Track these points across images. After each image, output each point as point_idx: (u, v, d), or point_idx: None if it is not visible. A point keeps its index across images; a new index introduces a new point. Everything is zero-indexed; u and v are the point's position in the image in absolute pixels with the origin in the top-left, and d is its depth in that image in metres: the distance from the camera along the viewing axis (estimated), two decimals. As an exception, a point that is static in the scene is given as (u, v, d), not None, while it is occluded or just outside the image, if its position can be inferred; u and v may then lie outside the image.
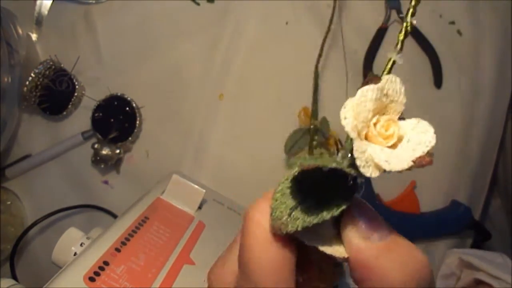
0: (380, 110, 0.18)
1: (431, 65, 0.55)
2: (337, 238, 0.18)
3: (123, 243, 0.36)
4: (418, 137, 0.17)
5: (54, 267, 0.42)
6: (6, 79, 0.54)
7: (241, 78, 0.58)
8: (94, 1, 0.59)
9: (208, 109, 0.58)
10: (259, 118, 0.57)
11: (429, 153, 0.17)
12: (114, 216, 0.58)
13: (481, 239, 0.55)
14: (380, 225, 0.18)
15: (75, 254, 0.42)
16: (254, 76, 0.58)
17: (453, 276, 0.49)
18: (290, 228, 0.17)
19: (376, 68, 0.56)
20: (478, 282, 0.45)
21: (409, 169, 0.16)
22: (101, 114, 0.57)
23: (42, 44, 0.59)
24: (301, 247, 0.19)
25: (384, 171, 0.16)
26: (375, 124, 0.17)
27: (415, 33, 0.55)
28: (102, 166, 0.57)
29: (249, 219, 0.18)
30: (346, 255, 0.18)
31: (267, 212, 0.18)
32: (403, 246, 0.18)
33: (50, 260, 0.43)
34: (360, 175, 0.17)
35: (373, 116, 0.17)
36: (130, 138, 0.57)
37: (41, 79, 0.57)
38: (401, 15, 0.55)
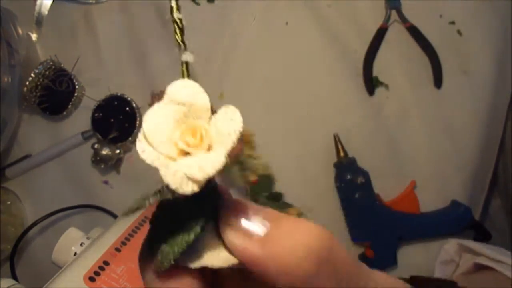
0: (184, 119, 0.16)
1: (431, 65, 0.55)
2: (224, 248, 0.18)
3: (123, 243, 0.36)
4: (227, 127, 0.16)
5: (54, 267, 0.42)
6: (6, 79, 0.54)
7: (241, 78, 0.58)
8: (94, 1, 0.59)
9: (208, 109, 0.58)
10: (259, 118, 0.57)
11: (239, 140, 0.16)
12: (114, 216, 0.58)
13: (481, 239, 0.55)
14: (256, 215, 0.17)
15: (75, 254, 0.42)
16: (254, 76, 0.58)
17: (452, 263, 0.49)
18: (166, 265, 0.16)
19: (376, 68, 0.56)
20: (479, 267, 0.44)
21: (226, 165, 0.15)
22: (101, 114, 0.57)
23: (42, 44, 0.59)
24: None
25: (203, 181, 0.15)
26: (182, 138, 0.16)
27: (415, 33, 0.55)
28: (102, 166, 0.57)
29: (143, 281, 0.18)
30: (236, 261, 0.17)
31: (150, 269, 0.18)
32: (288, 226, 0.17)
33: (50, 260, 0.43)
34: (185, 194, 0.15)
35: (175, 131, 0.16)
36: (130, 138, 0.57)
37: (41, 79, 0.57)
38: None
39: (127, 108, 0.57)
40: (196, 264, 0.17)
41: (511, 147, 0.55)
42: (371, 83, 0.56)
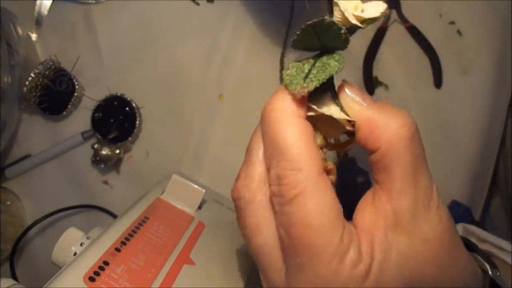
0: None
1: (431, 65, 0.55)
2: (339, 110, 0.24)
3: (123, 243, 0.36)
4: (375, 5, 0.23)
5: (54, 267, 0.42)
6: (6, 79, 0.54)
7: (241, 78, 0.58)
8: (94, 1, 0.59)
9: (208, 109, 0.58)
10: (259, 119, 0.57)
11: (386, 9, 0.23)
12: (114, 216, 0.58)
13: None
14: (368, 95, 0.24)
15: (75, 254, 0.42)
16: (254, 76, 0.58)
17: None
18: (310, 88, 0.22)
19: (376, 68, 0.56)
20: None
21: (377, 18, 0.23)
22: (101, 114, 0.57)
23: (42, 44, 0.59)
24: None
25: (364, 21, 0.23)
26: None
27: (415, 33, 0.55)
28: (102, 166, 0.57)
29: (270, 108, 0.24)
30: (353, 119, 0.23)
31: (285, 97, 0.23)
32: (390, 106, 0.23)
33: (50, 260, 0.43)
34: (349, 30, 0.23)
35: None
36: (130, 138, 0.57)
37: (41, 79, 0.57)
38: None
39: (127, 108, 0.57)
40: (326, 111, 0.23)
41: (511, 147, 0.54)
42: (371, 83, 0.56)
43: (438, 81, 0.55)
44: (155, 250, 0.37)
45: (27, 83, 0.57)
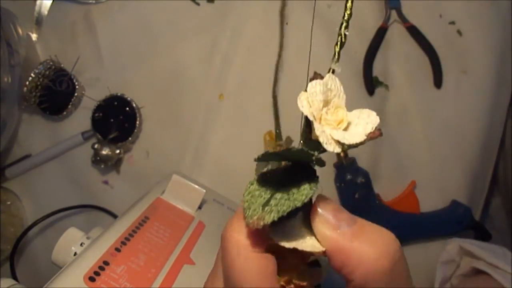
0: (329, 102, 0.21)
1: (431, 65, 0.55)
2: (310, 236, 0.20)
3: (123, 243, 0.36)
4: (365, 119, 0.20)
5: (54, 267, 0.42)
6: (6, 79, 0.54)
7: (241, 78, 0.58)
8: (94, 1, 0.59)
9: (208, 109, 0.58)
10: (259, 118, 0.57)
11: (377, 129, 0.20)
12: (114, 216, 0.58)
13: (481, 239, 0.55)
14: (346, 215, 0.20)
15: (75, 254, 0.42)
16: (254, 76, 0.58)
17: (453, 262, 0.49)
18: (267, 221, 0.19)
19: (376, 68, 0.56)
20: (477, 271, 0.45)
21: (363, 142, 0.19)
22: (101, 114, 0.57)
23: (42, 44, 0.59)
24: (276, 255, 0.21)
25: (343, 146, 0.19)
26: (326, 113, 0.20)
27: (415, 33, 0.55)
28: (102, 166, 0.57)
29: (226, 239, 0.20)
30: (323, 248, 0.20)
31: (240, 226, 0.20)
32: (370, 228, 0.20)
33: (50, 260, 0.43)
34: (323, 151, 0.20)
35: (323, 106, 0.20)
36: (130, 138, 0.57)
37: (41, 79, 0.57)
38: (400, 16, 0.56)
39: (127, 108, 0.57)
40: (288, 244, 0.20)
41: (511, 147, 0.55)
42: (371, 83, 0.56)
43: (438, 81, 0.55)
44: (155, 250, 0.37)
45: (27, 83, 0.57)
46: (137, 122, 0.57)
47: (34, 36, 0.59)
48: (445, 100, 0.55)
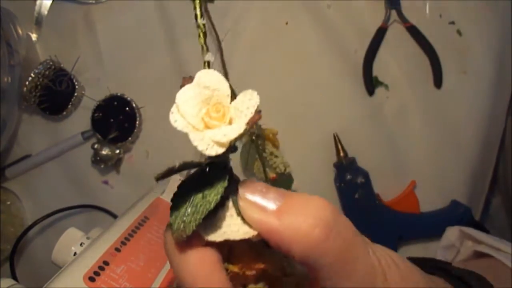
0: (209, 100, 0.20)
1: (431, 65, 0.55)
2: (242, 223, 0.20)
3: (123, 243, 0.36)
4: (246, 104, 0.19)
5: (54, 267, 0.42)
6: (6, 79, 0.54)
7: (241, 78, 0.58)
8: (94, 1, 0.59)
9: (208, 109, 0.58)
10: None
11: (257, 112, 0.19)
12: (114, 216, 0.58)
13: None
14: (272, 193, 0.20)
15: (75, 254, 0.42)
16: (254, 76, 0.58)
17: (453, 248, 0.49)
18: (188, 232, 0.19)
19: (376, 68, 0.56)
20: (478, 254, 0.44)
21: (245, 132, 0.19)
22: (101, 114, 0.57)
23: (42, 44, 0.59)
24: (225, 248, 0.21)
25: (226, 144, 0.19)
26: (207, 114, 0.19)
27: (415, 33, 0.55)
28: (102, 166, 0.57)
29: (165, 249, 0.21)
30: (255, 233, 0.19)
31: (168, 235, 0.20)
32: (298, 200, 0.19)
33: (50, 260, 0.43)
34: (212, 158, 0.19)
35: (202, 108, 0.19)
36: (130, 138, 0.57)
37: (41, 79, 0.57)
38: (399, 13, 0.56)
39: (127, 108, 0.57)
40: (218, 238, 0.19)
41: (511, 147, 0.54)
42: (371, 83, 0.56)
43: (438, 81, 0.55)
44: (155, 250, 0.37)
45: (27, 83, 0.57)
46: (137, 122, 0.57)
47: (34, 36, 0.59)
48: (445, 100, 0.55)
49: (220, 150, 0.19)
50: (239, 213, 0.20)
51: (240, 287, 0.21)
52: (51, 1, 0.59)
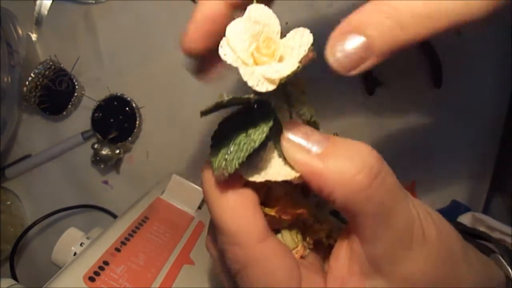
0: (259, 36, 0.19)
1: (430, 65, 0.55)
2: (284, 165, 0.20)
3: (123, 243, 0.36)
4: (298, 41, 0.19)
5: (54, 267, 0.42)
6: (6, 79, 0.54)
7: (241, 78, 0.58)
8: (94, 1, 0.59)
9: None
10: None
11: (310, 50, 0.19)
12: (114, 216, 0.58)
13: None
14: (317, 136, 0.20)
15: (75, 254, 0.42)
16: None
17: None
18: (230, 170, 0.19)
19: (376, 68, 0.56)
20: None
21: (298, 70, 0.18)
22: (101, 114, 0.57)
23: (42, 44, 0.59)
24: (263, 190, 0.21)
25: (277, 81, 0.18)
26: (257, 49, 0.19)
27: (415, 33, 0.55)
28: (102, 166, 0.57)
29: (204, 190, 0.21)
30: (297, 175, 0.19)
31: (208, 174, 0.20)
32: (344, 144, 0.19)
33: (50, 260, 0.43)
34: (259, 94, 0.18)
35: (251, 43, 0.19)
36: (130, 138, 0.57)
37: (41, 79, 0.57)
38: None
39: (127, 108, 0.57)
40: (259, 178, 0.19)
41: (511, 146, 0.54)
42: (371, 83, 0.56)
43: (438, 81, 0.55)
44: (155, 250, 0.37)
45: (27, 83, 0.57)
46: (137, 122, 0.57)
47: (34, 36, 0.59)
48: (445, 100, 0.55)
49: (271, 87, 0.18)
50: (281, 154, 0.20)
51: (273, 231, 0.21)
52: (51, 1, 0.59)
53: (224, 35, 0.19)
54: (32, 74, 0.57)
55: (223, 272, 0.22)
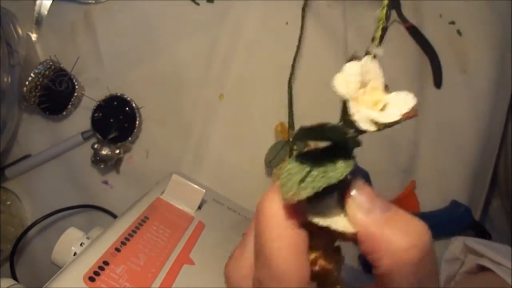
0: (367, 84, 0.21)
1: (431, 65, 0.55)
2: (343, 217, 0.20)
3: (123, 243, 0.36)
4: (402, 100, 0.20)
5: (54, 267, 0.42)
6: (6, 79, 0.54)
7: (241, 78, 0.58)
8: (94, 1, 0.59)
9: (208, 109, 0.58)
10: (259, 118, 0.57)
11: (413, 109, 0.20)
12: (114, 216, 0.58)
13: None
14: (380, 201, 0.20)
15: (75, 254, 0.42)
16: (254, 76, 0.58)
17: (457, 261, 0.49)
18: (302, 195, 0.19)
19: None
20: (481, 268, 0.45)
21: (399, 122, 0.19)
22: (100, 114, 0.57)
23: (42, 44, 0.59)
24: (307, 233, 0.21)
25: (379, 126, 0.19)
26: (363, 94, 0.20)
27: (415, 33, 0.55)
28: (102, 166, 0.57)
29: (262, 210, 0.20)
30: (354, 231, 0.20)
31: (277, 200, 0.20)
32: (403, 217, 0.20)
33: (50, 260, 0.43)
34: (359, 131, 0.20)
35: (360, 87, 0.20)
36: (130, 138, 0.57)
37: (41, 79, 0.57)
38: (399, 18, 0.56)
39: (127, 108, 0.57)
40: (321, 221, 0.20)
41: (511, 147, 0.54)
42: (371, 83, 0.56)
43: (438, 81, 0.55)
44: (155, 250, 0.37)
45: (27, 83, 0.57)
46: (137, 122, 0.57)
47: (34, 36, 0.59)
48: (445, 100, 0.55)
49: (372, 128, 0.19)
50: (343, 206, 0.21)
51: None
52: (51, 1, 0.59)
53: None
54: (32, 74, 0.57)
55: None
